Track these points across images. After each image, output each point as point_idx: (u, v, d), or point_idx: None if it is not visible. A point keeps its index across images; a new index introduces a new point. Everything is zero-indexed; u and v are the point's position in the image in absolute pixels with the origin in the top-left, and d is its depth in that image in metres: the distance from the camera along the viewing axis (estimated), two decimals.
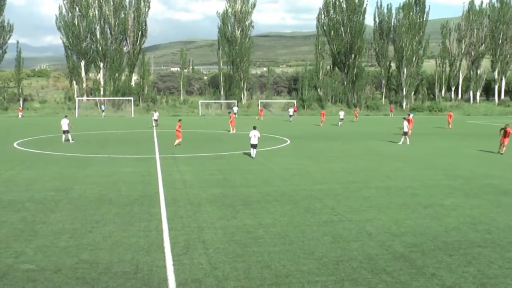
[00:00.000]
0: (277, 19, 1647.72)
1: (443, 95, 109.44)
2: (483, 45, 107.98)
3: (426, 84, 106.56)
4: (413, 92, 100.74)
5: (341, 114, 64.01)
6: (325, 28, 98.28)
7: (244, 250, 12.96)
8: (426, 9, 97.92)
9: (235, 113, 79.86)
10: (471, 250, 13.24)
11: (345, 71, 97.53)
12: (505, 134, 34.74)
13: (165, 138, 43.33)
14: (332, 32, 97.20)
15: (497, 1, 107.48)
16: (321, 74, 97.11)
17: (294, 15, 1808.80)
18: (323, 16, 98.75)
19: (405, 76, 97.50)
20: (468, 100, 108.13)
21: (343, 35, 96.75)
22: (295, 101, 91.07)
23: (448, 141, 43.53)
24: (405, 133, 40.20)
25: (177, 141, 37.27)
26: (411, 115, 51.62)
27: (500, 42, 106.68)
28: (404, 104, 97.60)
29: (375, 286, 10.78)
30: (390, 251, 13.10)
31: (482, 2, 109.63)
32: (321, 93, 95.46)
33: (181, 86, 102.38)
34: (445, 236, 14.55)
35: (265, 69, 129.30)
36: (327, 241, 13.84)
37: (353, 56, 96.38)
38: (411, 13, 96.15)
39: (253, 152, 31.07)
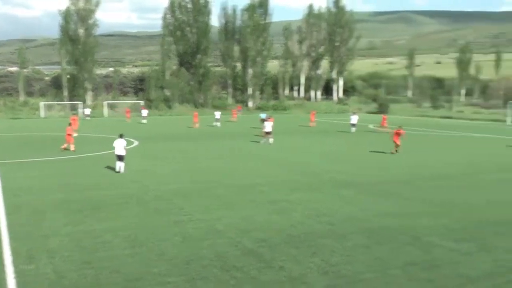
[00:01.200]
0: (122, 18, 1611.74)
1: (286, 94, 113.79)
2: (322, 47, 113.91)
3: (270, 84, 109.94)
4: (258, 92, 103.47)
5: (217, 114, 62.85)
6: (171, 28, 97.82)
7: (93, 256, 12.54)
8: (270, 11, 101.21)
9: (88, 115, 76.82)
10: (315, 242, 13.91)
11: (192, 71, 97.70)
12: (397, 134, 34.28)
13: (1, 143, 40.65)
14: (178, 32, 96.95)
15: (333, 6, 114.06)
16: (167, 74, 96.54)
17: (139, 15, 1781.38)
18: (169, 16, 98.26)
19: (250, 76, 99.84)
20: (309, 99, 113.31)
21: (189, 35, 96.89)
22: (142, 101, 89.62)
23: (294, 137, 45.29)
24: (268, 133, 40.65)
25: (65, 145, 34.47)
26: (264, 115, 53.45)
27: (337, 44, 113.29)
28: (250, 103, 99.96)
29: (226, 283, 10.94)
30: (240, 247, 13.37)
31: (320, 7, 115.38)
32: (168, 93, 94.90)
33: (20, 87, 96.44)
34: (291, 229, 15.14)
35: (111, 69, 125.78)
36: (177, 241, 13.81)
37: (199, 56, 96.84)
38: (255, 15, 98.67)
39: (119, 165, 25.66)
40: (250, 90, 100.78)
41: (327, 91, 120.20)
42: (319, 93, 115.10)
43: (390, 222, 16.15)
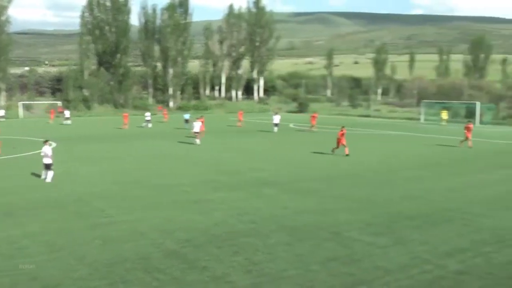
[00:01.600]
0: (37, 16, 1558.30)
1: (207, 94, 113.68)
2: (243, 46, 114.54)
3: (191, 84, 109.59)
4: (179, 92, 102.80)
5: (147, 115, 61.16)
6: (89, 26, 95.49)
7: (9, 263, 12.10)
8: (190, 11, 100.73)
9: (2, 116, 73.55)
10: (238, 240, 14.03)
11: (112, 71, 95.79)
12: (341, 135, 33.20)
13: None
14: (97, 31, 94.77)
15: (253, 7, 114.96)
16: (86, 74, 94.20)
17: (56, 12, 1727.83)
18: (87, 14, 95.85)
19: (171, 76, 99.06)
20: (230, 98, 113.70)
21: (109, 34, 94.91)
22: (60, 102, 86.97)
23: (217, 138, 45.32)
24: (196, 133, 40.10)
25: None
26: (187, 116, 52.89)
27: (257, 44, 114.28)
28: (171, 103, 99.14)
29: (149, 285, 10.86)
30: (162, 248, 13.29)
31: (240, 7, 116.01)
32: (87, 94, 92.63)
33: None
34: (214, 229, 15.19)
35: (26, 68, 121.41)
36: (98, 245, 13.56)
37: (119, 55, 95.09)
38: (175, 14, 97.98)
39: (46, 174, 23.40)
40: (171, 90, 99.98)
41: (248, 90, 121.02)
42: (240, 93, 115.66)
43: (310, 219, 16.51)
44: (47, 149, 23.37)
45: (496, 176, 25.83)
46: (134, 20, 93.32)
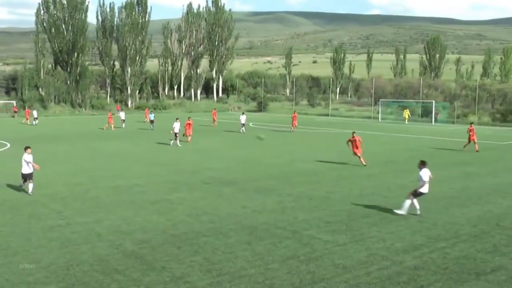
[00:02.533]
0: None
1: (166, 93, 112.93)
2: (202, 46, 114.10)
3: (150, 83, 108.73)
4: (137, 91, 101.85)
5: (122, 115, 59.83)
6: (45, 24, 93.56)
7: None
8: (148, 10, 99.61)
9: None
10: (197, 240, 14.01)
11: (68, 70, 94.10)
12: (355, 145, 29.39)
13: None
14: (53, 29, 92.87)
15: (212, 6, 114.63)
16: (42, 73, 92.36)
17: (10, 10, 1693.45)
18: (42, 12, 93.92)
19: (129, 75, 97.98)
20: (190, 98, 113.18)
21: (65, 32, 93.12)
22: (14, 101, 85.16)
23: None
24: (176, 134, 39.07)
25: None
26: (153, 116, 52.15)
27: (216, 43, 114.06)
28: (129, 102, 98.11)
29: (108, 287, 10.74)
30: (121, 249, 13.16)
31: (199, 6, 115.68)
32: (43, 93, 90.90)
33: None
34: (173, 229, 15.13)
35: None
36: (55, 247, 13.33)
37: (76, 54, 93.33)
38: (133, 13, 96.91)
39: (28, 186, 20.54)
40: (129, 90, 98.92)
41: (207, 90, 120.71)
42: (199, 92, 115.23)
43: (269, 217, 16.58)
44: (29, 157, 20.60)
45: (450, 173, 26.40)
46: (92, 18, 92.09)
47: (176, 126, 39.30)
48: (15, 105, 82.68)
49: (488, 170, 27.67)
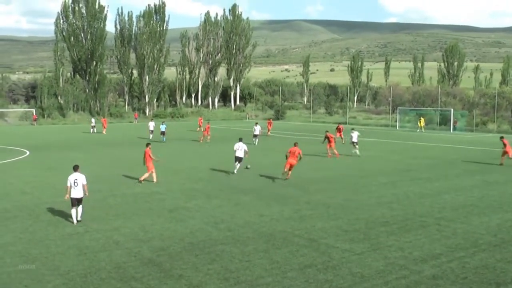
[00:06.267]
0: (11, 22, 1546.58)
1: (184, 101, 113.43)
2: (219, 54, 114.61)
3: (168, 91, 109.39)
4: (155, 99, 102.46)
5: (151, 125, 58.48)
6: (64, 33, 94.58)
7: None
8: (166, 18, 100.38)
9: None
10: (215, 248, 13.99)
11: (87, 78, 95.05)
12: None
13: None
14: (72, 38, 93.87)
15: (230, 14, 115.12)
16: (61, 81, 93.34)
17: (30, 19, 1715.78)
18: (62, 21, 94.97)
19: (147, 83, 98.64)
20: (207, 106, 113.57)
21: (84, 41, 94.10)
22: (34, 109, 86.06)
23: (192, 146, 45.17)
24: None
25: None
26: (164, 126, 52.16)
27: (234, 52, 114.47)
28: (147, 111, 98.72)
29: None
30: (138, 257, 13.19)
31: (217, 14, 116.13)
32: (62, 101, 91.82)
33: None
34: (190, 237, 15.13)
35: None
36: (73, 254, 13.40)
37: (94, 63, 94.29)
38: (151, 22, 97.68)
39: (76, 212, 16.89)
40: (147, 98, 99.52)
41: (225, 98, 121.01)
42: (216, 100, 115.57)
43: (286, 226, 16.54)
44: (80, 178, 17.50)
45: (470, 182, 26.14)
46: (110, 27, 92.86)
47: (257, 129, 45.14)
48: (34, 113, 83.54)
49: (508, 179, 27.35)
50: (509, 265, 12.79)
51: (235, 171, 28.00)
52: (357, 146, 37.99)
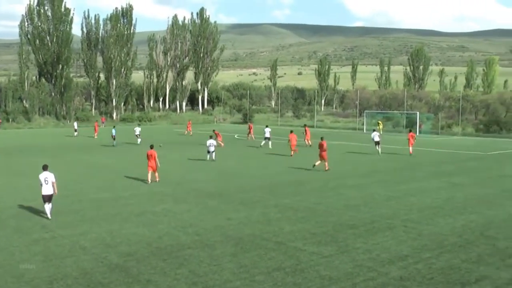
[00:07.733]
0: None
1: (152, 105, 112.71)
2: (187, 57, 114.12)
3: (135, 95, 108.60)
4: (123, 103, 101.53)
5: (137, 130, 57.78)
6: (29, 36, 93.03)
7: None
8: (134, 21, 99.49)
9: None
10: (183, 252, 13.94)
11: (53, 81, 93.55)
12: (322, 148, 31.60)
13: None
14: (38, 41, 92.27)
15: (197, 18, 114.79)
16: (26, 84, 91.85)
17: None
18: (26, 23, 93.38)
19: (114, 87, 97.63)
20: (175, 109, 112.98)
21: (50, 44, 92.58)
22: None
23: (160, 151, 44.82)
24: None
25: None
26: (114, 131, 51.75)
27: (201, 55, 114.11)
28: (114, 114, 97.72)
29: None
30: (106, 263, 13.06)
31: (184, 18, 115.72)
32: (27, 105, 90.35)
33: None
34: (158, 242, 15.04)
35: None
36: (39, 261, 13.20)
37: (60, 66, 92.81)
38: (118, 25, 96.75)
39: (48, 209, 17.86)
40: (114, 101, 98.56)
41: (192, 101, 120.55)
42: (184, 104, 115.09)
43: (254, 229, 16.56)
44: (49, 176, 18.16)
45: (436, 184, 26.53)
46: (76, 30, 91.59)
47: (267, 131, 46.16)
48: None
49: (473, 181, 27.86)
50: (473, 265, 13.03)
51: (208, 158, 34.49)
52: (380, 145, 40.60)
